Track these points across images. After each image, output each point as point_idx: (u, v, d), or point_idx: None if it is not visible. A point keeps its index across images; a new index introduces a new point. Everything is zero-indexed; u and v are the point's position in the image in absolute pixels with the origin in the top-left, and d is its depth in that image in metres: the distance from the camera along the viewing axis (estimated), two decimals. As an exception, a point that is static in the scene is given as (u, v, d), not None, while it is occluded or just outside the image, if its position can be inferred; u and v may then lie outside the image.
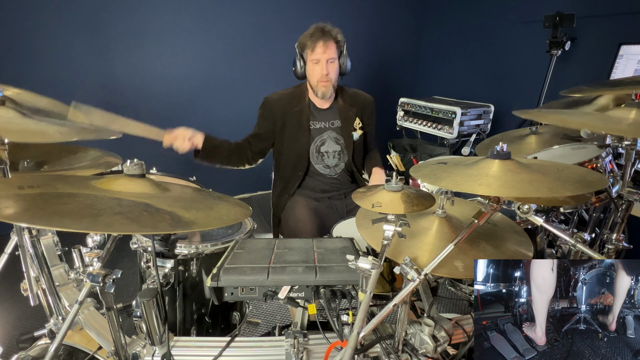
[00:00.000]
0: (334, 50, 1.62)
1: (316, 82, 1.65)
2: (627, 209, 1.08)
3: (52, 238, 1.05)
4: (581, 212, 1.48)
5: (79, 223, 0.59)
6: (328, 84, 1.65)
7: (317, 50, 1.60)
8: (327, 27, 1.62)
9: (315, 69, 1.63)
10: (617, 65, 2.21)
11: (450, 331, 0.79)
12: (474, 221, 0.79)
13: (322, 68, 1.61)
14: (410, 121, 3.34)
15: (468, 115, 2.96)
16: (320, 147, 1.77)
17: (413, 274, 0.73)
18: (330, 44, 1.60)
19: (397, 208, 0.81)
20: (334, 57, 1.63)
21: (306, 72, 1.69)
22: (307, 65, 1.67)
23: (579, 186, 0.73)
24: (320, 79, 1.64)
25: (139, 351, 0.89)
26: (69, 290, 1.07)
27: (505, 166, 0.77)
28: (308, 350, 0.89)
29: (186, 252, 1.12)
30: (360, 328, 0.67)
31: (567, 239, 0.80)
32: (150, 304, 0.83)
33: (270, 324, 2.04)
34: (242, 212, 0.83)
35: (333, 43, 1.61)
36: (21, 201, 0.65)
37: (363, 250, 1.09)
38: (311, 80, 1.68)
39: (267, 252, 1.02)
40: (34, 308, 1.07)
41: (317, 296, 0.91)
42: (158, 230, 0.66)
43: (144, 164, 0.82)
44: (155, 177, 1.16)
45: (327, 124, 1.77)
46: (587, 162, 1.15)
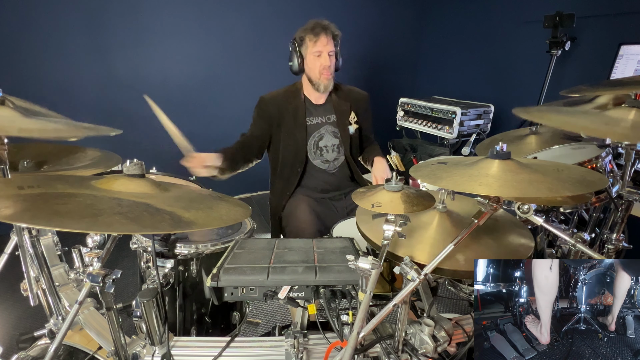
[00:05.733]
0: (333, 43, 1.67)
1: (318, 75, 1.68)
2: (627, 209, 1.08)
3: (52, 238, 1.05)
4: (581, 212, 1.48)
5: (79, 223, 0.59)
6: (330, 76, 1.69)
7: (319, 43, 1.64)
8: (325, 22, 1.67)
9: (316, 62, 1.66)
10: (617, 65, 2.21)
11: (450, 331, 0.79)
12: (474, 221, 0.79)
13: (325, 59, 1.65)
14: (410, 121, 3.34)
15: (468, 115, 2.96)
16: (318, 142, 1.79)
17: (413, 274, 0.73)
18: (330, 38, 1.65)
19: (397, 208, 0.81)
20: (334, 51, 1.68)
21: (305, 66, 1.71)
22: (306, 59, 1.70)
23: (579, 186, 0.73)
24: (322, 71, 1.66)
25: (139, 351, 0.89)
26: (69, 290, 1.07)
27: (505, 166, 0.77)
28: (308, 350, 0.89)
29: (186, 252, 1.12)
30: (360, 328, 0.67)
31: (567, 239, 0.80)
32: (150, 304, 0.83)
33: (270, 324, 2.04)
34: (242, 212, 0.83)
35: (332, 37, 1.67)
36: (21, 201, 0.65)
37: (363, 250, 1.09)
38: (312, 73, 1.70)
39: (267, 252, 1.01)
40: (34, 308, 1.07)
41: (317, 296, 0.90)
42: (158, 230, 0.66)
43: (143, 164, 0.82)
44: (155, 177, 1.16)
45: (324, 119, 1.79)
46: (587, 162, 1.15)
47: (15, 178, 0.83)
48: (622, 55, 2.19)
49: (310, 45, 1.66)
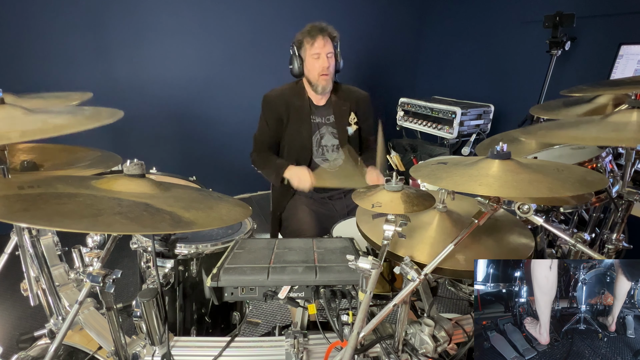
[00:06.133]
0: (331, 45, 1.68)
1: (317, 77, 1.69)
2: (627, 209, 1.08)
3: (52, 238, 1.05)
4: (581, 212, 1.48)
5: (79, 223, 0.59)
6: (328, 77, 1.70)
7: (316, 45, 1.65)
8: (323, 24, 1.68)
9: (315, 64, 1.67)
10: (617, 65, 2.21)
11: (450, 331, 0.79)
12: (474, 221, 0.79)
13: (323, 61, 1.66)
14: (410, 121, 3.34)
15: (468, 115, 2.96)
16: (320, 141, 1.80)
17: (413, 274, 0.73)
18: (327, 39, 1.67)
19: (397, 208, 0.81)
20: (332, 52, 1.69)
21: (305, 68, 1.72)
22: (305, 62, 1.71)
23: (579, 186, 0.73)
24: (321, 72, 1.67)
25: (139, 351, 0.89)
26: (69, 290, 1.07)
27: (505, 166, 0.77)
28: (308, 350, 0.89)
29: (186, 252, 1.12)
30: (360, 328, 0.67)
31: (567, 239, 0.80)
32: (150, 304, 0.83)
33: (270, 324, 2.04)
34: (242, 212, 0.83)
35: (329, 39, 1.68)
36: (21, 201, 0.65)
37: (363, 250, 1.09)
38: (311, 75, 1.71)
39: (267, 252, 1.01)
40: (34, 308, 1.07)
41: (317, 296, 0.90)
42: (158, 230, 0.66)
43: (144, 164, 0.81)
44: (155, 177, 1.15)
45: (324, 119, 1.80)
46: (587, 162, 1.15)
47: (15, 178, 0.83)
48: (622, 55, 2.19)
49: (308, 48, 1.67)
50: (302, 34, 1.69)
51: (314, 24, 1.68)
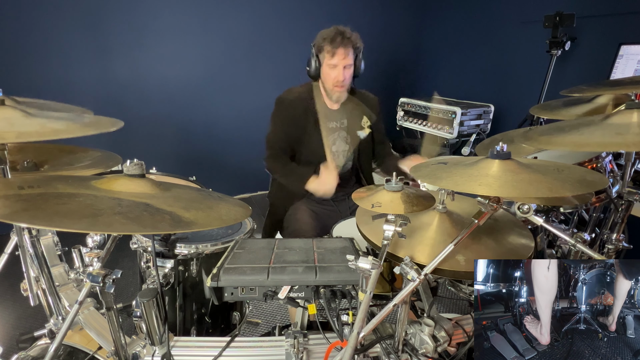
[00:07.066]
0: (352, 56, 1.61)
1: (331, 87, 1.65)
2: (627, 209, 1.08)
3: (52, 238, 1.05)
4: (581, 212, 1.48)
5: (79, 223, 0.59)
6: (343, 89, 1.66)
7: (336, 57, 1.58)
8: (348, 32, 1.59)
9: (331, 74, 1.62)
10: (617, 65, 2.21)
11: (450, 331, 0.79)
12: (474, 221, 0.79)
13: (339, 74, 1.60)
14: (410, 121, 3.34)
15: (468, 115, 2.95)
16: (332, 147, 1.75)
17: (413, 274, 0.73)
18: (349, 50, 1.59)
19: (397, 208, 0.81)
20: (351, 64, 1.62)
21: (321, 73, 1.67)
22: (322, 67, 1.65)
23: (579, 186, 0.73)
24: (335, 84, 1.63)
25: (139, 351, 0.89)
26: (69, 290, 1.07)
27: (505, 166, 0.77)
28: (308, 350, 0.89)
29: (186, 252, 1.12)
30: (360, 328, 0.67)
31: (567, 239, 0.80)
32: (150, 304, 0.83)
33: (270, 324, 2.04)
34: (242, 212, 0.83)
35: (352, 49, 1.60)
36: (21, 201, 0.65)
37: (363, 250, 1.09)
38: (326, 83, 1.67)
39: (267, 252, 1.01)
40: (34, 308, 1.07)
41: (317, 296, 0.90)
42: (158, 230, 0.66)
43: (143, 164, 0.81)
44: (155, 177, 1.16)
45: (338, 124, 1.76)
46: (587, 162, 1.15)
47: (15, 178, 0.83)
48: (622, 55, 2.19)
49: (327, 56, 1.60)
50: (324, 39, 1.58)
51: (338, 30, 1.58)
